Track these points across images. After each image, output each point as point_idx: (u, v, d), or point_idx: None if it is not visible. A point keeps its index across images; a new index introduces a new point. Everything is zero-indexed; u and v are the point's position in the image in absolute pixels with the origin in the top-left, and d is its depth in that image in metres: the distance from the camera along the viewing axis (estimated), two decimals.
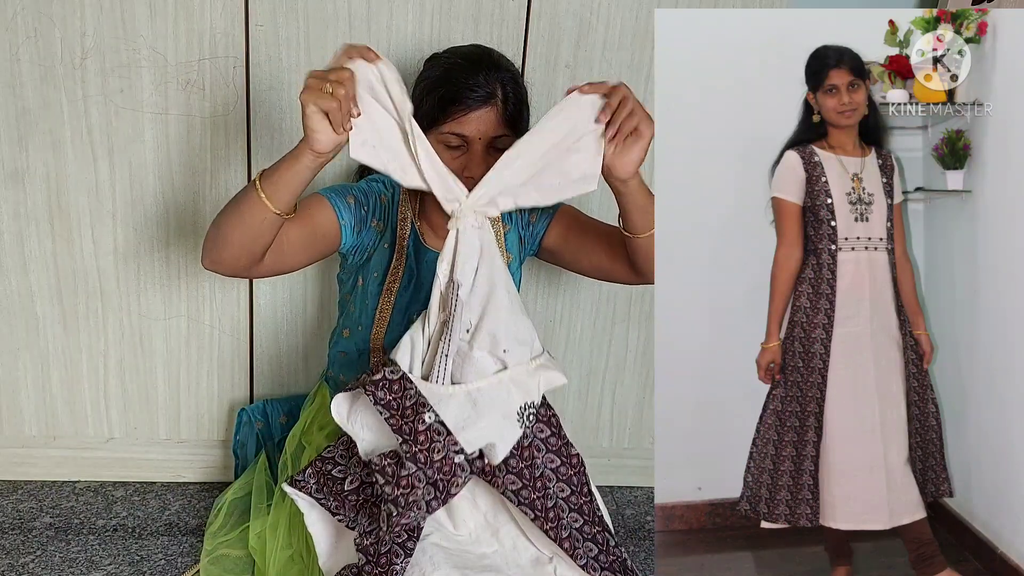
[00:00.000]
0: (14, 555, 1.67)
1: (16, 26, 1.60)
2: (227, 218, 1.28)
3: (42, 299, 1.78)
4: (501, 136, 1.40)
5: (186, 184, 1.72)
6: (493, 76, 1.40)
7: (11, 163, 1.68)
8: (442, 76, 1.43)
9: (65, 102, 1.65)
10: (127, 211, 1.73)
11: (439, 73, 1.44)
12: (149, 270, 1.78)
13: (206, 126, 1.69)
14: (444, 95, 1.39)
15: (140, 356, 1.84)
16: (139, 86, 1.66)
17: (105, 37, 1.62)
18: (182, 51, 1.64)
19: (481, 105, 1.38)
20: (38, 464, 1.88)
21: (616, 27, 1.72)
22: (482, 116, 1.38)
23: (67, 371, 1.83)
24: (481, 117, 1.38)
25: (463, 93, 1.38)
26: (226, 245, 1.28)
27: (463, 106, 1.38)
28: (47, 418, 1.86)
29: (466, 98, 1.38)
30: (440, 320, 1.27)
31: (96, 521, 1.79)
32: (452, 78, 1.41)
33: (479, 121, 1.38)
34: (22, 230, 1.73)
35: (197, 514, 1.82)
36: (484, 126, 1.39)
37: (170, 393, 1.87)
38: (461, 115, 1.38)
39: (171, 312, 1.81)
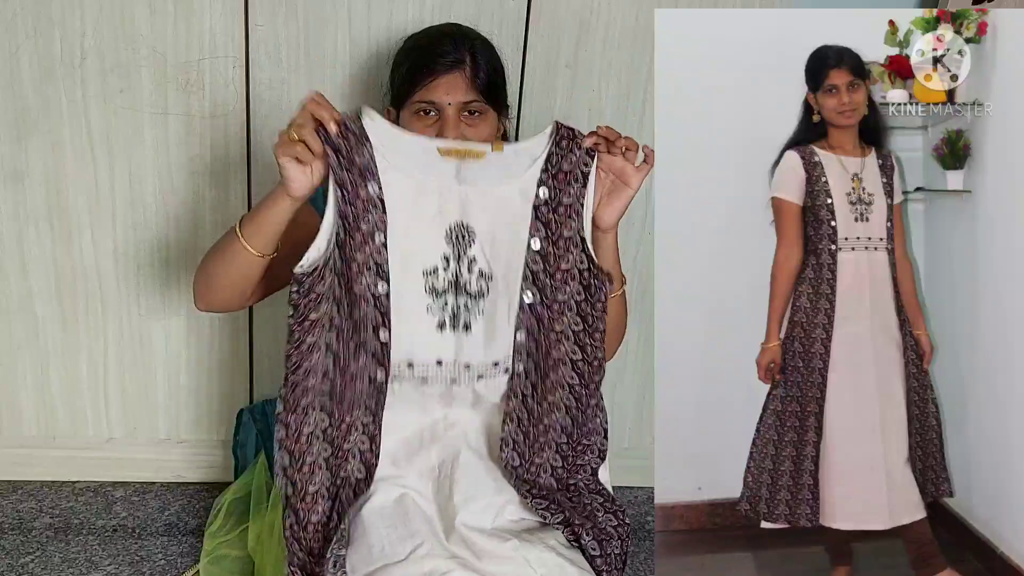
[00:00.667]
0: (14, 555, 1.67)
1: (16, 26, 1.60)
2: (213, 264, 1.31)
3: (42, 299, 1.78)
4: (472, 102, 1.39)
5: (186, 184, 1.72)
6: (462, 43, 1.41)
7: (11, 163, 1.68)
8: (410, 47, 1.46)
9: (65, 102, 1.65)
10: (127, 211, 1.73)
11: (409, 45, 1.47)
12: (149, 270, 1.78)
13: (206, 126, 1.69)
14: (412, 64, 1.41)
15: (140, 356, 1.84)
16: (139, 86, 1.65)
17: (105, 37, 1.62)
18: (182, 51, 1.64)
19: (448, 71, 1.38)
20: (38, 464, 1.88)
21: (616, 27, 1.72)
22: (450, 81, 1.38)
23: (67, 371, 1.83)
24: (450, 82, 1.38)
25: (430, 60, 1.39)
26: (215, 288, 1.32)
27: (430, 73, 1.38)
28: (47, 418, 1.86)
29: (433, 64, 1.38)
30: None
31: (96, 521, 1.79)
32: (419, 47, 1.43)
33: (447, 86, 1.38)
34: (22, 230, 1.73)
35: (197, 514, 1.82)
36: (453, 91, 1.38)
37: (170, 393, 1.87)
38: (429, 82, 1.38)
39: (171, 312, 1.81)
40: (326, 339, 1.22)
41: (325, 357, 1.22)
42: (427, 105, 1.38)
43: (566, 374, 1.31)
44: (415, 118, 1.39)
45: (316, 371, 1.22)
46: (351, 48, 1.67)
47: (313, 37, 1.66)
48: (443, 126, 1.37)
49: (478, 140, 1.35)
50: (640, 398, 2.02)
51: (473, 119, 1.39)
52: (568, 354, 1.31)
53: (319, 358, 1.22)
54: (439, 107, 1.38)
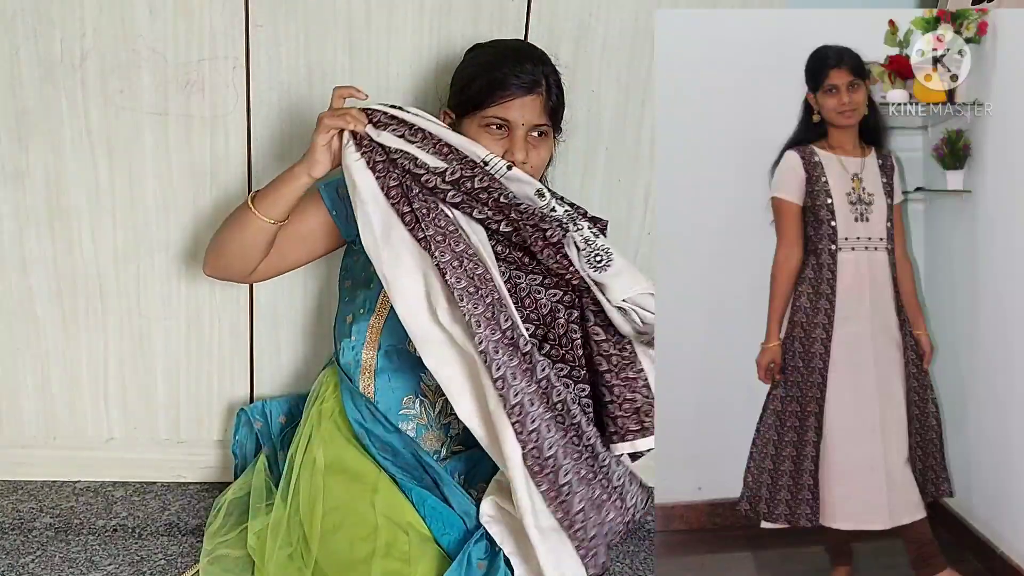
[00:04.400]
0: (14, 555, 1.67)
1: (16, 26, 1.60)
2: (226, 232, 1.48)
3: (42, 299, 1.78)
4: (542, 125, 1.47)
5: (186, 184, 1.72)
6: (539, 67, 1.48)
7: (11, 163, 1.68)
8: (491, 62, 1.49)
9: (65, 102, 1.65)
10: (127, 211, 1.73)
11: (488, 59, 1.51)
12: (149, 270, 1.78)
13: (206, 126, 1.69)
14: (492, 80, 1.46)
15: (140, 356, 1.84)
16: (139, 86, 1.65)
17: (105, 37, 1.62)
18: (182, 51, 1.64)
19: (526, 93, 1.45)
20: (38, 464, 1.88)
21: (616, 27, 1.72)
22: (526, 103, 1.45)
23: (67, 371, 1.83)
24: (525, 104, 1.45)
25: (510, 79, 1.45)
26: (223, 253, 1.49)
27: (509, 92, 1.44)
28: (47, 418, 1.86)
29: (513, 84, 1.45)
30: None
31: (96, 521, 1.79)
32: (500, 65, 1.47)
33: (523, 107, 1.45)
34: (22, 230, 1.73)
35: (197, 514, 1.82)
36: (527, 113, 1.45)
37: (170, 393, 1.87)
38: (507, 100, 1.44)
39: (171, 312, 1.81)
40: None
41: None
42: (500, 121, 1.45)
43: None
44: (483, 130, 1.46)
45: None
46: (351, 48, 1.67)
47: (313, 37, 1.66)
48: (512, 143, 1.45)
49: (539, 160, 1.48)
50: None
51: (538, 140, 1.48)
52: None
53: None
54: (511, 126, 1.45)
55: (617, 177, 1.80)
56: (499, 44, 1.56)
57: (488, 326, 1.31)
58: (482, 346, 1.30)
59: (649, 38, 1.70)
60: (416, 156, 1.39)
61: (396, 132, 1.40)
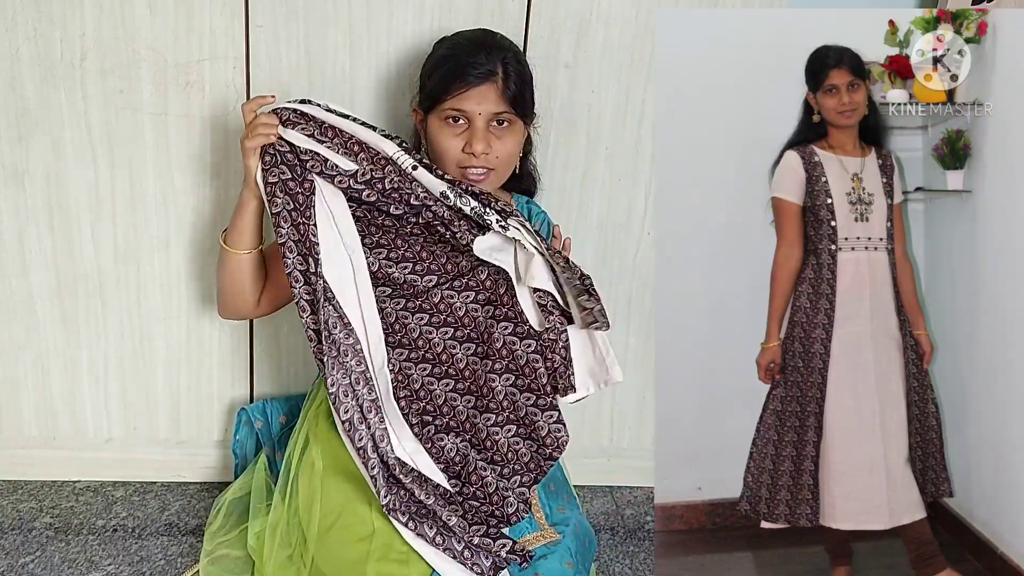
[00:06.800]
0: (14, 555, 1.67)
1: (16, 26, 1.60)
2: (217, 277, 1.55)
3: (42, 299, 1.78)
4: (502, 113, 1.44)
5: (186, 184, 1.72)
6: (495, 55, 1.45)
7: (11, 163, 1.68)
8: (445, 55, 1.48)
9: (65, 102, 1.65)
10: (127, 211, 1.73)
11: (443, 52, 1.50)
12: (149, 270, 1.78)
13: (206, 126, 1.69)
14: (446, 72, 1.44)
15: (140, 356, 1.84)
16: (139, 86, 1.65)
17: (105, 37, 1.62)
18: (182, 51, 1.64)
19: (482, 81, 1.43)
20: (38, 464, 1.88)
21: (616, 27, 1.72)
22: (482, 92, 1.43)
23: (67, 371, 1.83)
24: (482, 93, 1.43)
25: (464, 70, 1.43)
26: (223, 297, 1.55)
27: (464, 82, 1.42)
28: (47, 418, 1.86)
29: (467, 75, 1.43)
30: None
31: (96, 521, 1.79)
32: (454, 56, 1.46)
33: (479, 97, 1.43)
34: (22, 230, 1.73)
35: (197, 514, 1.82)
36: (484, 102, 1.43)
37: (170, 393, 1.87)
38: (462, 91, 1.42)
39: (171, 312, 1.81)
40: None
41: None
42: (457, 113, 1.44)
43: None
44: (444, 124, 1.45)
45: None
46: (351, 48, 1.67)
47: (313, 37, 1.66)
48: (472, 135, 1.43)
49: (504, 150, 1.45)
50: (640, 398, 2.02)
51: (501, 129, 1.45)
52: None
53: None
54: (469, 116, 1.43)
55: (617, 177, 1.80)
56: (458, 36, 1.54)
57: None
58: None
59: (649, 37, 1.70)
60: (327, 158, 1.38)
61: (305, 131, 1.39)
